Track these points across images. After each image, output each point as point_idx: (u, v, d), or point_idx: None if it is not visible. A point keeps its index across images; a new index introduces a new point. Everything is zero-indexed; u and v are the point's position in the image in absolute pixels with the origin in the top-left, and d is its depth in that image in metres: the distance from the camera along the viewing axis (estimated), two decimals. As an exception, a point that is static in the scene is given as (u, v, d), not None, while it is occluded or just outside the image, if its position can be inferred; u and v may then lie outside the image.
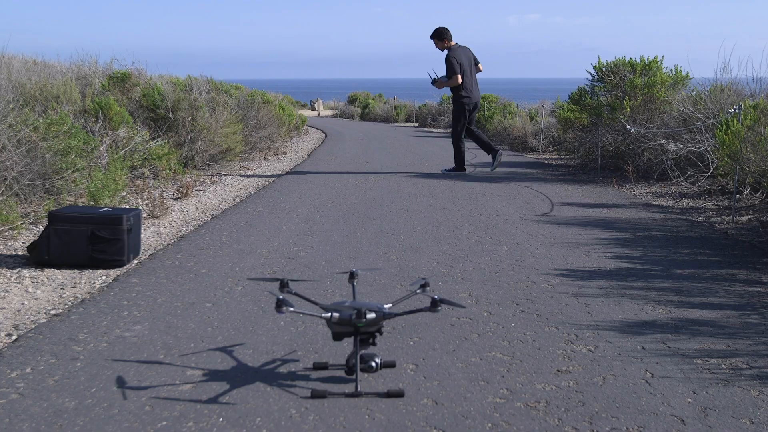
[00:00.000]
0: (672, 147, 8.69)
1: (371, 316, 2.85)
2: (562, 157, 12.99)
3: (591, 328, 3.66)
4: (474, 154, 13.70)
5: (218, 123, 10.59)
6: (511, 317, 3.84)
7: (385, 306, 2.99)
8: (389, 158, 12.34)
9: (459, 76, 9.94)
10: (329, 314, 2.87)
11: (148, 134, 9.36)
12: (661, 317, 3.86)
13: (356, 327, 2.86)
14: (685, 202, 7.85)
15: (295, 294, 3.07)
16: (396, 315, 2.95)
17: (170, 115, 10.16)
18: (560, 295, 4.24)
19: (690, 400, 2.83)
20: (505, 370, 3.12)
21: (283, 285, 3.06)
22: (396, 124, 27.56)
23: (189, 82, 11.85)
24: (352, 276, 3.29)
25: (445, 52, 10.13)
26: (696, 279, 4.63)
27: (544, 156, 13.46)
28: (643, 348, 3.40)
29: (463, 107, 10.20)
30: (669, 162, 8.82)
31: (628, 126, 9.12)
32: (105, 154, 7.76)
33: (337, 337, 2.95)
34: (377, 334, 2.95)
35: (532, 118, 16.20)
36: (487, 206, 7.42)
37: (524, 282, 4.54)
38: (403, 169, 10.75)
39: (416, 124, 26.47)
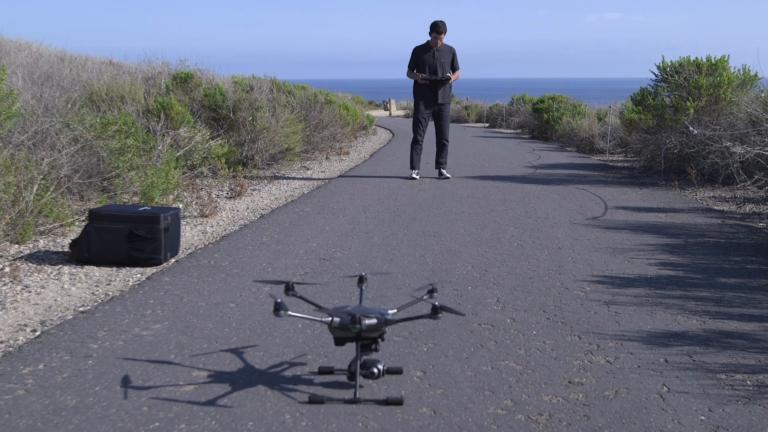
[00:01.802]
0: (738, 150, 8.34)
1: (371, 321, 2.80)
2: (628, 159, 12.66)
3: (615, 338, 3.53)
4: (538, 155, 13.50)
5: (278, 123, 10.69)
6: (535, 325, 3.73)
7: (390, 311, 2.94)
8: (451, 160, 12.10)
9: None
10: (330, 319, 2.83)
11: (208, 133, 9.50)
12: (692, 328, 3.69)
13: (357, 332, 2.82)
14: (748, 208, 7.53)
15: (300, 297, 3.05)
16: (396, 321, 2.89)
17: (231, 115, 10.30)
18: (591, 303, 4.11)
19: (703, 417, 2.69)
20: (514, 380, 3.02)
21: (288, 288, 3.04)
22: (466, 124, 27.38)
23: (251, 82, 12.00)
24: (361, 280, 3.25)
25: (445, 46, 9.73)
26: (740, 289, 4.42)
27: (610, 158, 13.15)
28: (666, 360, 3.25)
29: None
30: (735, 165, 8.47)
31: (690, 127, 8.80)
32: (164, 153, 7.91)
33: (339, 342, 2.92)
34: (379, 340, 2.90)
35: (600, 119, 15.84)
36: (538, 209, 7.27)
37: (557, 288, 4.41)
38: (461, 171, 10.66)
39: (486, 125, 26.26)
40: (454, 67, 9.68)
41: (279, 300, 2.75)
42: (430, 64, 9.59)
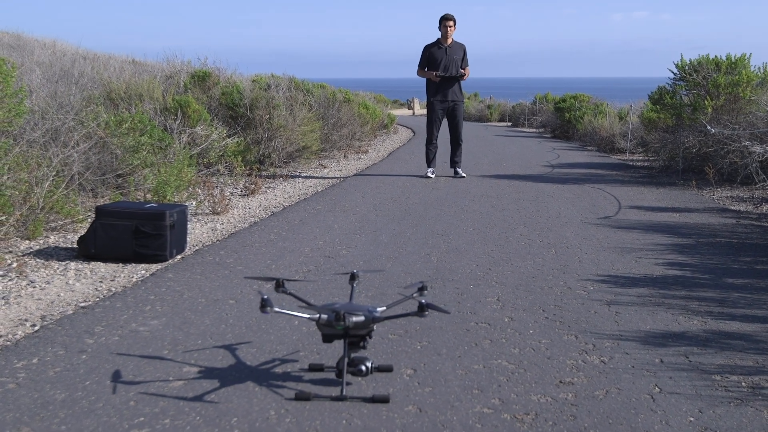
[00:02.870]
0: (758, 149, 8.23)
1: (357, 319, 2.79)
2: (648, 158, 12.54)
3: (612, 338, 3.49)
4: (557, 154, 13.41)
5: (296, 121, 10.71)
6: (532, 324, 3.70)
7: (378, 309, 2.93)
8: (469, 158, 12.06)
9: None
10: (317, 316, 2.83)
11: (225, 131, 9.55)
12: (693, 329, 3.64)
13: (345, 329, 2.81)
14: (765, 208, 7.42)
15: (290, 294, 3.05)
16: (383, 319, 2.88)
17: (248, 113, 10.34)
18: (592, 302, 4.07)
19: (692, 419, 2.65)
20: (504, 379, 3.00)
21: (279, 285, 3.04)
22: (489, 123, 27.29)
23: (269, 80, 12.04)
24: (352, 277, 3.25)
25: (456, 43, 9.56)
26: (746, 289, 4.36)
27: (630, 157, 13.03)
28: (661, 361, 3.21)
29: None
30: (754, 165, 8.36)
31: (708, 126, 8.69)
32: (178, 151, 7.96)
33: (327, 339, 2.91)
34: (368, 337, 2.89)
35: (621, 118, 15.70)
36: (550, 208, 7.22)
37: (559, 287, 4.37)
38: (478, 169, 10.61)
39: (509, 124, 26.15)
40: (464, 65, 9.58)
41: (266, 297, 2.75)
42: (443, 61, 9.47)
